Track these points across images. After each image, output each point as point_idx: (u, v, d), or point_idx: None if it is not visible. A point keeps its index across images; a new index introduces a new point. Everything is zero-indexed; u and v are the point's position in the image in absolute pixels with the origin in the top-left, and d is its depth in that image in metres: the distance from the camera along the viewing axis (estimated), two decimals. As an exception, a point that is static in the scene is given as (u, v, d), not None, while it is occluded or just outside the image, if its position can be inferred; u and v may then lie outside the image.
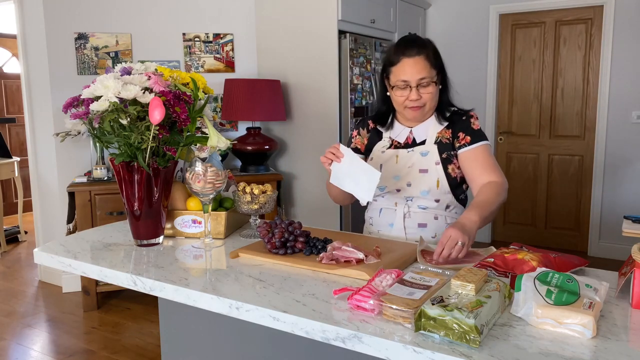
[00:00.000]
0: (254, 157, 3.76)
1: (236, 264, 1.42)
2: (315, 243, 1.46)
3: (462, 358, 0.90)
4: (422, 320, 0.98)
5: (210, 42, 3.98)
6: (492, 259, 1.28)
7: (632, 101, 4.33)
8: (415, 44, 1.68)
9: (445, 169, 1.72)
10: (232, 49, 4.04)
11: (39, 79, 3.76)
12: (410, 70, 1.66)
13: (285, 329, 1.10)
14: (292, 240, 1.44)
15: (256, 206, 1.64)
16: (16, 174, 5.12)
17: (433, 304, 0.99)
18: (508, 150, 4.95)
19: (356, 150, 1.90)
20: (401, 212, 1.76)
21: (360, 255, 1.35)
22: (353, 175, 1.57)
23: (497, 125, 4.96)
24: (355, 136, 1.90)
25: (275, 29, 3.96)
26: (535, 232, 4.88)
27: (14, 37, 5.66)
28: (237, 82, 3.62)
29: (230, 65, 4.05)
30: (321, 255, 1.38)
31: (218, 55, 4.01)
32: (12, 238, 5.23)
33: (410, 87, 1.67)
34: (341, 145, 1.61)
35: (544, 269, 1.14)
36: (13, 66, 6.22)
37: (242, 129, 4.05)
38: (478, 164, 1.69)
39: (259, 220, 1.67)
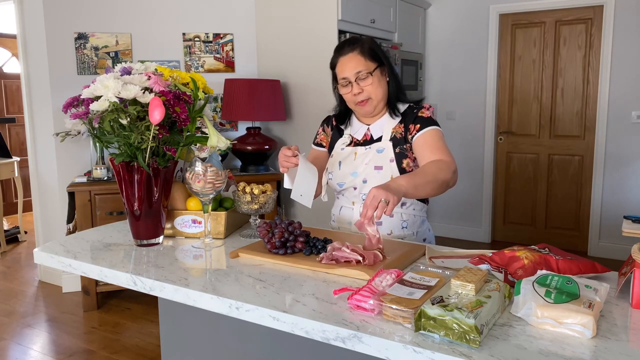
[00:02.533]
0: (254, 157, 3.76)
1: (236, 264, 1.42)
2: (315, 243, 1.46)
3: (462, 358, 0.90)
4: (422, 320, 0.98)
5: (210, 42, 3.98)
6: (491, 254, 1.29)
7: (632, 101, 4.33)
8: (348, 43, 1.78)
9: (399, 164, 1.74)
10: (232, 49, 4.04)
11: (39, 79, 3.76)
12: (346, 67, 1.74)
13: (285, 329, 1.10)
14: (292, 240, 1.44)
15: (256, 206, 1.64)
16: (16, 174, 5.12)
17: (433, 304, 0.99)
18: (508, 150, 4.95)
19: (319, 145, 1.97)
20: (357, 211, 1.80)
21: (359, 258, 1.35)
22: (303, 181, 1.63)
23: (497, 125, 4.96)
24: (320, 132, 1.97)
25: (275, 29, 3.96)
26: (535, 232, 4.88)
27: (14, 37, 5.67)
28: (237, 82, 3.62)
29: (230, 65, 4.05)
30: (321, 255, 1.38)
31: (218, 55, 4.01)
32: (12, 238, 5.23)
33: (350, 82, 1.74)
34: (298, 152, 1.66)
35: (544, 271, 1.14)
36: (13, 66, 6.22)
37: (242, 129, 4.05)
38: (427, 146, 1.71)
39: (259, 220, 1.67)
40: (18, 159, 5.18)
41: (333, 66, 1.80)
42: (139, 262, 1.45)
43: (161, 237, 1.62)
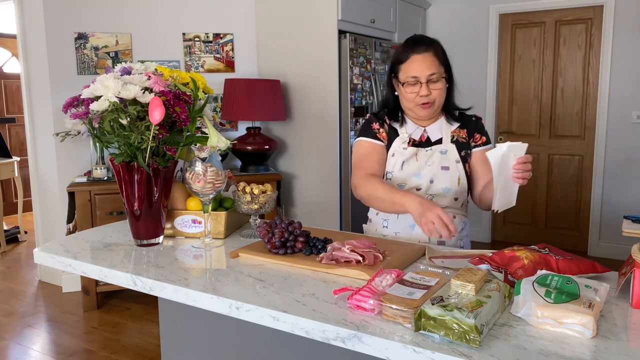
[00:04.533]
0: (254, 157, 3.76)
1: (236, 264, 1.42)
2: (315, 243, 1.46)
3: (462, 358, 0.90)
4: (422, 320, 0.98)
5: (210, 42, 3.98)
6: (491, 254, 1.29)
7: (632, 101, 4.33)
8: (424, 42, 1.72)
9: (464, 167, 1.78)
10: (232, 49, 4.04)
11: (39, 79, 3.76)
12: (419, 66, 1.69)
13: (285, 329, 1.10)
14: (292, 240, 1.44)
15: (256, 206, 1.64)
16: (16, 174, 5.12)
17: (433, 304, 0.99)
18: (508, 150, 4.94)
19: (378, 139, 1.81)
20: None
21: (359, 258, 1.35)
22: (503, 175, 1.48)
23: (497, 125, 4.96)
24: (378, 129, 1.81)
25: (275, 29, 3.96)
26: (535, 232, 4.88)
27: (14, 37, 5.66)
28: (237, 82, 3.62)
29: (230, 65, 4.05)
30: (321, 255, 1.38)
31: (218, 55, 4.01)
32: (12, 238, 5.22)
33: (420, 82, 1.69)
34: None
35: (544, 271, 1.14)
36: (13, 66, 6.22)
37: (242, 129, 4.05)
38: (489, 165, 1.72)
39: (259, 220, 1.67)
40: (18, 159, 5.18)
41: (400, 61, 1.73)
42: (139, 262, 1.45)
43: (161, 237, 1.61)
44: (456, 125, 1.81)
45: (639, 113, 4.31)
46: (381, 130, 1.81)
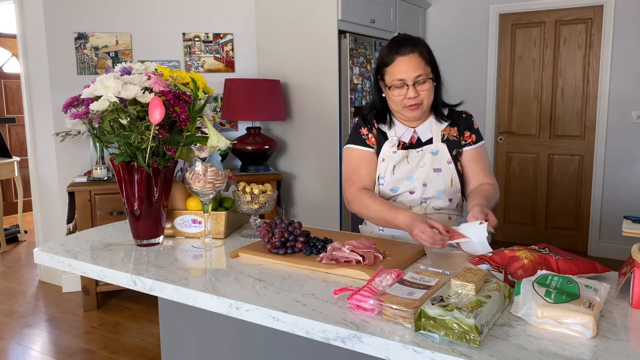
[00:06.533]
0: (254, 157, 3.76)
1: (236, 263, 1.42)
2: (315, 243, 1.46)
3: (462, 358, 0.90)
4: (422, 320, 0.98)
5: (210, 42, 3.98)
6: (491, 254, 1.29)
7: (632, 101, 4.33)
8: (408, 43, 1.69)
9: (455, 166, 1.76)
10: (232, 49, 4.04)
11: (39, 79, 3.76)
12: (405, 68, 1.67)
13: (285, 329, 1.10)
14: (292, 240, 1.44)
15: (256, 206, 1.64)
16: (16, 174, 5.11)
17: (433, 304, 0.99)
18: (508, 150, 4.95)
19: (368, 146, 1.79)
20: None
21: (359, 258, 1.35)
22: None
23: (497, 125, 4.96)
24: (367, 134, 1.80)
25: (275, 29, 3.96)
26: (535, 232, 4.88)
27: (14, 37, 5.66)
28: (237, 82, 3.62)
29: (230, 65, 4.05)
30: (321, 255, 1.38)
31: (218, 55, 4.01)
32: (12, 238, 5.22)
33: (407, 85, 1.67)
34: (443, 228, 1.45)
35: (544, 271, 1.14)
36: (13, 66, 6.22)
37: (242, 129, 4.05)
38: (480, 166, 1.77)
39: (259, 220, 1.67)
40: (18, 159, 5.18)
41: (385, 64, 1.70)
42: (139, 262, 1.45)
43: (161, 237, 1.62)
44: (446, 123, 1.78)
45: (639, 113, 4.31)
46: (370, 135, 1.80)
